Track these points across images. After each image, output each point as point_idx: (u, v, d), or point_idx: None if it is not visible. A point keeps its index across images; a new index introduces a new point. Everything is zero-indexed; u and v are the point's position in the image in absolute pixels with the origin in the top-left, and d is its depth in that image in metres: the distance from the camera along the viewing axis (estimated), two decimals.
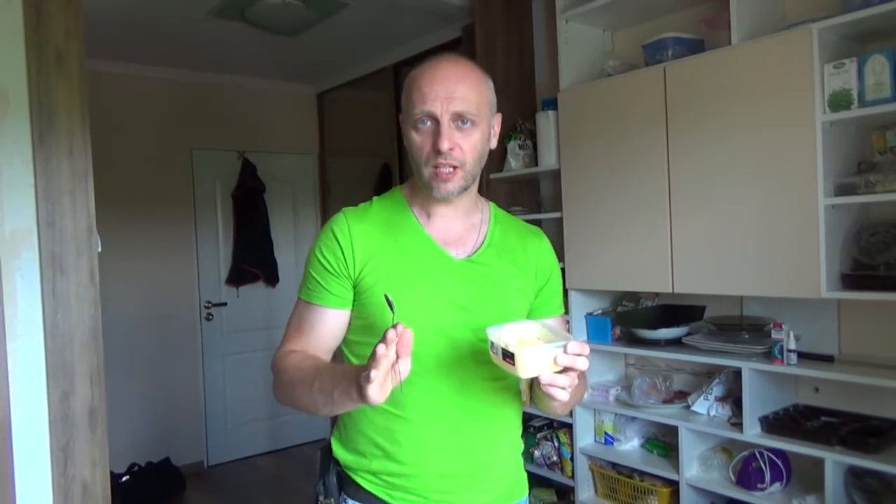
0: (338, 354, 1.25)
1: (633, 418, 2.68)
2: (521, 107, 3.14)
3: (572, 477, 2.81)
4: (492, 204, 1.32)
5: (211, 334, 4.47)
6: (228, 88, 4.52)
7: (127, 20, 3.34)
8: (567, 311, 2.78)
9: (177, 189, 4.34)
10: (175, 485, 4.01)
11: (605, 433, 2.75)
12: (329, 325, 1.19)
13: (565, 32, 2.76)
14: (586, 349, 0.98)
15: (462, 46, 3.40)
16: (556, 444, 2.90)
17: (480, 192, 1.32)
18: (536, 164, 2.93)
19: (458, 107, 1.10)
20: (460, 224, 1.22)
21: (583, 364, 0.97)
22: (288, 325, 1.22)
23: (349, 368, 1.04)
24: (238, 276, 4.55)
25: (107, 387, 1.98)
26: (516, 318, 1.19)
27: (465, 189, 1.16)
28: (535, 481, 3.06)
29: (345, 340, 1.23)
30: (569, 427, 2.83)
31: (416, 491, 1.16)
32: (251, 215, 4.57)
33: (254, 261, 4.58)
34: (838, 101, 1.95)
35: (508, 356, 0.97)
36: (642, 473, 2.59)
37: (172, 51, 3.92)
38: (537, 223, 3.22)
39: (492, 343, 1.01)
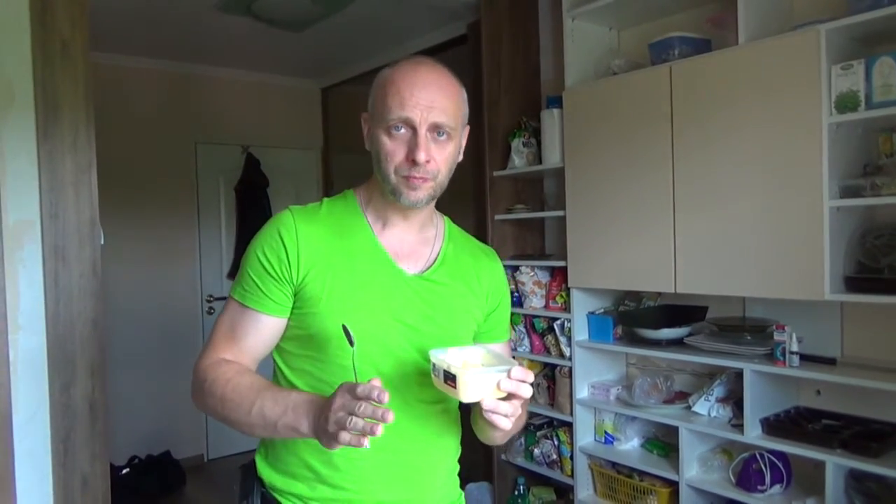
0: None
1: (634, 418, 2.68)
2: (525, 104, 3.13)
3: (571, 476, 2.81)
4: (447, 219, 1.26)
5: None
6: (233, 83, 4.52)
7: (132, 13, 3.34)
8: (568, 310, 2.79)
9: (180, 183, 4.34)
10: (175, 478, 4.02)
11: (606, 432, 2.75)
12: (264, 333, 1.12)
13: (571, 30, 2.75)
14: (530, 376, 0.94)
15: (467, 44, 3.39)
16: (556, 443, 2.90)
17: (482, 190, 1.30)
18: (540, 162, 2.93)
19: (437, 118, 1.05)
20: (414, 237, 1.17)
21: (526, 391, 0.93)
22: (217, 326, 1.14)
23: (297, 400, 0.98)
24: None
25: (108, 379, 1.98)
26: (464, 339, 1.16)
27: (431, 200, 1.11)
28: (534, 479, 3.07)
29: (279, 348, 1.16)
30: (569, 426, 2.83)
31: None
32: (254, 210, 4.57)
33: None
34: (845, 103, 1.94)
35: (450, 378, 0.93)
36: (642, 473, 2.59)
37: (177, 44, 3.92)
38: (540, 221, 3.23)
39: (434, 365, 0.97)
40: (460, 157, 1.15)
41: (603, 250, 2.61)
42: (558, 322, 2.85)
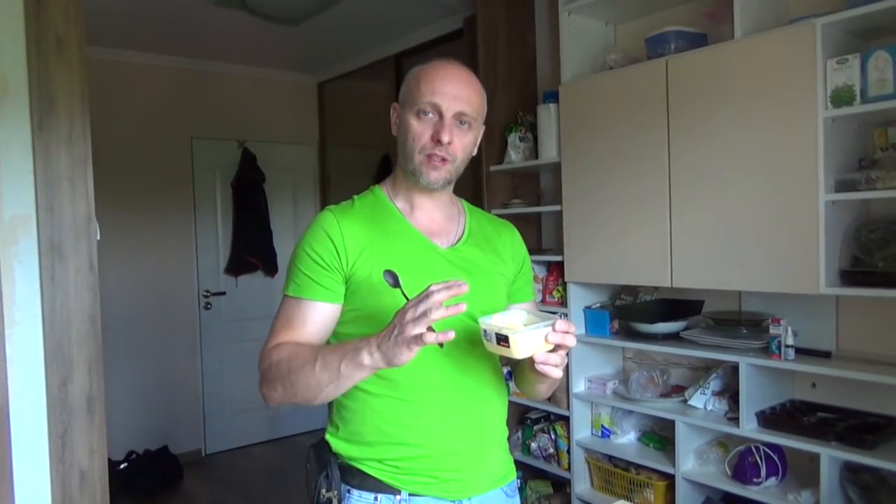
0: None
1: (630, 412, 2.69)
2: (522, 99, 3.13)
3: (569, 469, 2.82)
4: (464, 200, 1.39)
5: (209, 323, 4.48)
6: (229, 77, 4.50)
7: (127, 7, 3.32)
8: (565, 304, 2.80)
9: (176, 178, 4.33)
10: (173, 473, 4.03)
11: (602, 426, 2.76)
12: (320, 319, 1.19)
13: (567, 25, 2.75)
14: (573, 327, 1.05)
15: (463, 38, 3.39)
16: (553, 437, 2.91)
17: (479, 185, 1.35)
18: (537, 157, 2.93)
19: (461, 107, 1.18)
20: (441, 216, 1.29)
21: (571, 341, 1.03)
22: (274, 322, 1.21)
23: (353, 342, 1.06)
24: (237, 266, 4.55)
25: (105, 374, 1.98)
26: (502, 299, 1.29)
27: (448, 183, 1.24)
28: (531, 473, 3.07)
29: (336, 334, 1.23)
30: (566, 420, 2.84)
31: (426, 472, 1.19)
32: (250, 205, 4.57)
33: (253, 250, 4.58)
34: (841, 97, 1.94)
35: (503, 340, 1.01)
36: (638, 467, 2.60)
37: (173, 39, 3.90)
38: (537, 216, 3.23)
39: (484, 331, 1.05)
40: (474, 151, 1.28)
41: (599, 245, 2.62)
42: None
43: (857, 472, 2.02)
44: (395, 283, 1.06)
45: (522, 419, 3.13)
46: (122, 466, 3.84)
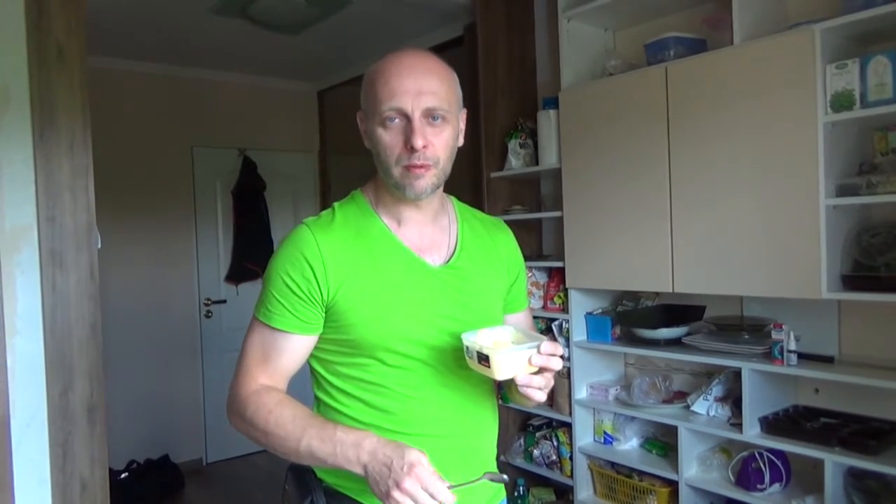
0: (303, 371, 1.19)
1: (633, 418, 2.68)
2: (522, 105, 3.14)
3: (571, 476, 2.81)
4: (453, 199, 1.26)
5: (210, 331, 4.47)
6: (229, 86, 4.52)
7: (128, 17, 3.33)
8: (567, 311, 2.79)
9: (177, 186, 4.34)
10: (174, 482, 4.01)
11: (605, 433, 2.75)
12: (296, 352, 1.11)
13: (567, 31, 2.76)
14: (559, 349, 0.99)
15: (464, 45, 3.40)
16: (556, 444, 2.90)
17: (480, 192, 1.29)
18: (537, 163, 2.93)
19: (429, 102, 1.03)
20: (431, 228, 1.16)
21: (557, 364, 0.98)
22: (247, 350, 1.13)
23: (344, 440, 0.99)
24: (238, 274, 4.55)
25: (106, 383, 1.97)
26: (497, 318, 1.20)
27: (436, 188, 1.10)
28: (534, 480, 3.06)
29: (318, 359, 1.15)
30: (568, 426, 2.83)
31: None
32: (251, 213, 4.57)
33: (254, 258, 4.57)
34: (840, 102, 1.94)
35: (483, 359, 0.97)
36: (641, 473, 2.59)
37: (174, 48, 3.92)
38: (538, 222, 3.23)
39: (467, 348, 1.00)
40: (461, 142, 1.14)
41: (600, 251, 2.62)
42: (556, 323, 2.85)
43: (861, 477, 2.01)
44: None
45: (525, 426, 3.12)
46: (123, 476, 3.83)
